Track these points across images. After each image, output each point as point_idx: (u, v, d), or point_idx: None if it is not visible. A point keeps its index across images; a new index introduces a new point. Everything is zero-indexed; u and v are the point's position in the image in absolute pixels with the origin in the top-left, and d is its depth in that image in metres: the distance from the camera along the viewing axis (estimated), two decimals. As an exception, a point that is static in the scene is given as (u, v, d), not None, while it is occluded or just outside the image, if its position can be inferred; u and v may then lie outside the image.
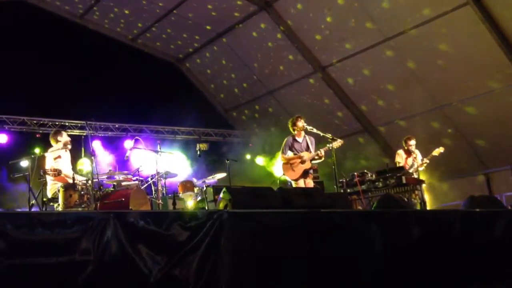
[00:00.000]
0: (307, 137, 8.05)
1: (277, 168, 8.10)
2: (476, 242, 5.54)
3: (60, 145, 7.24)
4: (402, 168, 8.55)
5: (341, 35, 11.15)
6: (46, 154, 7.19)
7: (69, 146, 7.35)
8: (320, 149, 7.81)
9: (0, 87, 10.28)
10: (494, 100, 10.25)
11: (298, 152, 7.91)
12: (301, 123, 7.93)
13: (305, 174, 7.83)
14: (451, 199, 10.95)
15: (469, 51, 9.89)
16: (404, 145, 9.09)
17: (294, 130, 8.02)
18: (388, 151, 12.10)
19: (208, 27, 12.57)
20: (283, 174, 8.06)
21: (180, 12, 12.06)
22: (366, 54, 11.11)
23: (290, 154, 7.92)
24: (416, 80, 10.91)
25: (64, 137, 7.36)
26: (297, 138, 8.03)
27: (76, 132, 11.75)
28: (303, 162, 7.79)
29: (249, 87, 13.75)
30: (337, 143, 7.74)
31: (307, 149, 7.94)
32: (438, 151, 8.92)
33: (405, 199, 7.79)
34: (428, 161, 8.84)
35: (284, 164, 7.97)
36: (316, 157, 7.82)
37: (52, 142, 7.37)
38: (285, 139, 8.09)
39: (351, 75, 11.81)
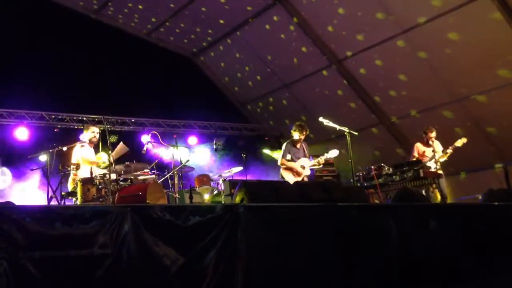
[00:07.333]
0: (303, 143, 8.43)
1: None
2: (496, 235, 5.47)
3: (86, 138, 7.55)
4: (419, 161, 8.46)
5: (356, 27, 11.05)
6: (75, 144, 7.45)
7: (95, 139, 7.56)
8: (321, 157, 8.22)
9: (19, 83, 10.40)
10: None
11: (296, 157, 8.24)
12: (303, 134, 8.29)
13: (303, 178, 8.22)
14: (469, 192, 10.81)
15: (488, 42, 9.73)
16: (424, 136, 8.97)
17: (298, 136, 8.28)
18: (404, 143, 11.99)
19: (221, 21, 12.55)
20: (282, 177, 8.28)
21: (194, 6, 12.06)
22: (382, 46, 10.99)
23: (288, 157, 8.24)
24: (433, 72, 10.77)
25: (89, 134, 7.59)
26: (296, 145, 8.35)
27: (93, 126, 11.83)
28: (303, 167, 8.16)
29: (263, 80, 13.72)
30: (334, 153, 8.18)
31: (304, 155, 8.31)
32: (461, 141, 8.72)
33: (423, 193, 7.75)
34: (451, 151, 8.68)
35: (284, 168, 8.23)
36: (316, 164, 8.26)
37: (84, 131, 7.71)
38: (284, 144, 8.43)
39: (366, 67, 11.72)
